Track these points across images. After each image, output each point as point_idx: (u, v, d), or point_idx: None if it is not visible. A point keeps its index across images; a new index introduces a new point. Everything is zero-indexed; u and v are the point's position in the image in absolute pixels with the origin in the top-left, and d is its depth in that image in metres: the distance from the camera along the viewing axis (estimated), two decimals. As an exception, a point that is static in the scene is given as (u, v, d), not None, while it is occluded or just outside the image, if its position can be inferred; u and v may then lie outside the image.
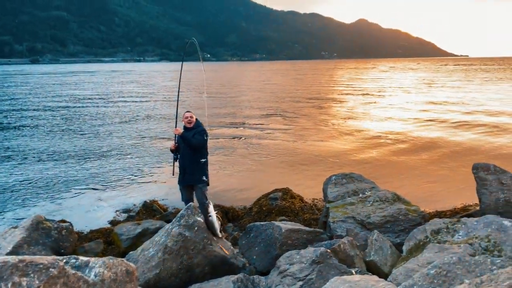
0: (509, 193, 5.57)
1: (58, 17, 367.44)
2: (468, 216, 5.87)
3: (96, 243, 6.50)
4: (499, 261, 2.64)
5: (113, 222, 7.95)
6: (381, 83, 50.32)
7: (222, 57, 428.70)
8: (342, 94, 36.41)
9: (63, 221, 6.77)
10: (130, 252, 5.17)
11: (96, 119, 21.96)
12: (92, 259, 2.84)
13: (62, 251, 5.65)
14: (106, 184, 10.58)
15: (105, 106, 28.07)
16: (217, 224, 5.10)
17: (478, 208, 6.05)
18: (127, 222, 7.27)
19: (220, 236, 5.20)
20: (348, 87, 44.07)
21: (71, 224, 6.18)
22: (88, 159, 13.20)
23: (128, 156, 13.53)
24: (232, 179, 10.94)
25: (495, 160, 7.96)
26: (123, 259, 3.30)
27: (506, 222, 4.37)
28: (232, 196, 9.50)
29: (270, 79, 63.55)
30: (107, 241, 6.68)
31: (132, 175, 11.40)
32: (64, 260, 2.59)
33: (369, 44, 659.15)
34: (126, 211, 8.70)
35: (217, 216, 5.21)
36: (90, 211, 8.75)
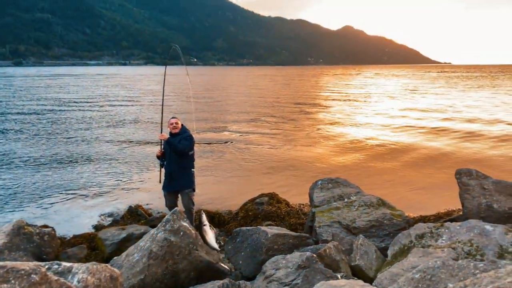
0: (491, 198, 5.66)
1: (42, 19, 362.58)
2: (452, 220, 5.95)
3: (79, 249, 6.38)
4: (482, 265, 2.68)
5: (97, 227, 7.83)
6: (366, 90, 50.90)
7: (209, 61, 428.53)
8: (328, 99, 36.68)
9: (46, 226, 6.65)
10: (115, 258, 5.10)
11: (81, 123, 21.68)
12: (75, 265, 2.80)
13: (44, 256, 5.54)
14: (90, 188, 10.42)
15: (90, 110, 27.74)
16: (212, 235, 4.97)
17: (461, 213, 6.14)
18: (112, 227, 7.17)
19: (218, 249, 5.06)
20: (334, 93, 44.43)
21: (53, 229, 6.07)
22: (72, 163, 13.01)
23: (113, 161, 13.37)
24: (219, 184, 10.91)
25: (476, 165, 8.11)
26: (107, 264, 3.25)
27: (488, 226, 4.45)
28: (218, 201, 9.46)
29: (257, 84, 63.70)
30: (91, 247, 6.57)
31: (116, 180, 11.26)
32: (46, 266, 2.55)
33: (354, 50, 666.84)
34: (110, 216, 8.57)
35: (210, 226, 5.12)
36: (74, 216, 8.60)
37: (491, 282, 1.98)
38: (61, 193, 9.99)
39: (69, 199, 9.63)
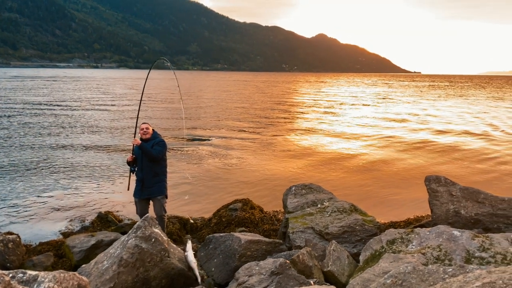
0: (458, 204, 5.83)
1: (10, 19, 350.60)
2: (421, 226, 6.10)
3: (45, 256, 6.15)
4: (450, 270, 2.74)
5: (65, 234, 7.59)
6: (339, 97, 51.75)
7: (183, 66, 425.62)
8: (304, 106, 37.07)
9: (10, 233, 6.39)
10: (83, 265, 4.94)
11: (52, 127, 21.05)
12: (41, 273, 2.69)
13: (8, 265, 5.32)
14: (58, 194, 10.11)
15: (60, 114, 26.99)
16: (197, 270, 4.74)
17: (430, 218, 6.28)
18: (80, 234, 6.96)
19: (200, 280, 4.77)
20: (309, 100, 44.93)
21: (18, 236, 5.85)
22: (39, 169, 12.59)
23: (82, 167, 13.03)
24: (192, 189, 10.79)
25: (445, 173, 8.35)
26: (75, 272, 3.15)
27: (455, 232, 4.57)
28: (190, 207, 9.36)
29: (232, 90, 63.70)
30: (58, 254, 6.35)
31: (86, 185, 10.97)
32: (10, 275, 2.44)
33: (328, 58, 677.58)
34: (79, 222, 8.33)
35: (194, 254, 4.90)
36: (40, 223, 8.31)
37: (460, 286, 2.02)
38: (27, 199, 9.65)
39: (36, 205, 9.31)
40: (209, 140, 18.42)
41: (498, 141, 18.98)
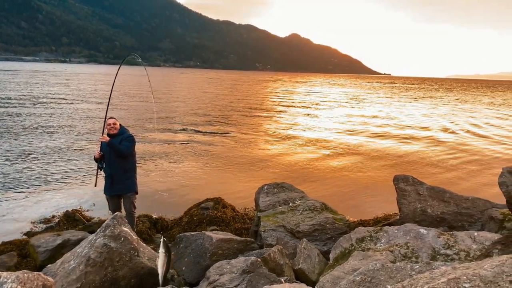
0: (425, 203, 6.00)
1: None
2: (390, 224, 6.24)
3: (8, 256, 5.93)
4: (417, 266, 2.82)
5: (30, 233, 7.33)
6: (312, 97, 52.32)
7: (154, 62, 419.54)
8: (278, 105, 37.23)
9: (-30, 232, 6.13)
10: (48, 265, 4.79)
11: (16, 123, 20.29)
12: (4, 274, 2.59)
13: (-32, 266, 5.09)
14: (23, 192, 9.75)
15: (26, 109, 26.05)
16: (161, 272, 4.51)
17: (398, 217, 6.44)
18: (46, 233, 6.74)
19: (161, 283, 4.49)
20: (285, 99, 45.19)
21: (-21, 236, 5.61)
22: (2, 165, 12.11)
23: (49, 163, 12.62)
24: (162, 187, 10.64)
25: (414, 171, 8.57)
26: (39, 273, 3.06)
27: (422, 230, 4.71)
28: (161, 205, 9.22)
29: (206, 88, 63.27)
30: (22, 254, 6.13)
31: (53, 183, 10.63)
32: (-31, 277, 2.33)
33: (301, 58, 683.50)
34: (45, 221, 8.07)
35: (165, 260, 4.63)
36: (3, 221, 7.99)
37: (427, 282, 2.07)
38: (-11, 197, 9.26)
39: (-2, 203, 8.95)
40: (185, 136, 18.23)
41: (464, 141, 19.68)
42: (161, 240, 4.56)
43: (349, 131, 22.33)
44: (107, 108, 7.19)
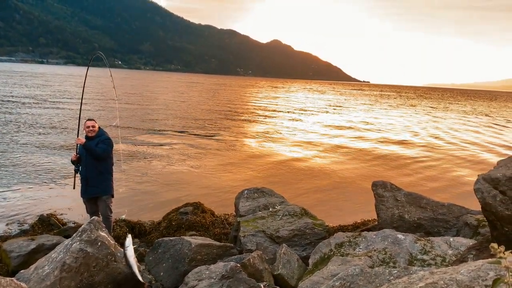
0: (403, 209, 6.09)
1: None
2: (368, 230, 6.31)
3: (-21, 262, 5.74)
4: (395, 271, 2.85)
5: (2, 238, 7.09)
6: (292, 103, 52.67)
7: (134, 65, 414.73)
8: (259, 109, 37.29)
9: None
10: (22, 271, 4.65)
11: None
12: (-27, 281, 2.49)
13: None
14: (-5, 195, 9.46)
15: (1, 112, 25.37)
16: (136, 267, 4.54)
17: (376, 222, 6.52)
18: (19, 238, 6.55)
19: (143, 281, 4.57)
20: (269, 105, 45.31)
21: None
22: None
23: (24, 166, 12.28)
24: (141, 191, 10.50)
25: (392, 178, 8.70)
26: (12, 278, 2.96)
27: (400, 235, 4.77)
28: (139, 210, 9.09)
29: (186, 92, 62.91)
30: (-7, 259, 5.94)
31: (27, 186, 10.34)
32: None
33: (282, 64, 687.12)
34: (18, 225, 7.84)
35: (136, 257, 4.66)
36: (-26, 226, 7.73)
37: (405, 287, 2.09)
38: (-41, 200, 8.94)
39: (-31, 206, 8.65)
40: (164, 141, 18.05)
41: (439, 150, 20.13)
42: (128, 235, 4.58)
43: (329, 134, 22.54)
44: (80, 110, 7.08)
